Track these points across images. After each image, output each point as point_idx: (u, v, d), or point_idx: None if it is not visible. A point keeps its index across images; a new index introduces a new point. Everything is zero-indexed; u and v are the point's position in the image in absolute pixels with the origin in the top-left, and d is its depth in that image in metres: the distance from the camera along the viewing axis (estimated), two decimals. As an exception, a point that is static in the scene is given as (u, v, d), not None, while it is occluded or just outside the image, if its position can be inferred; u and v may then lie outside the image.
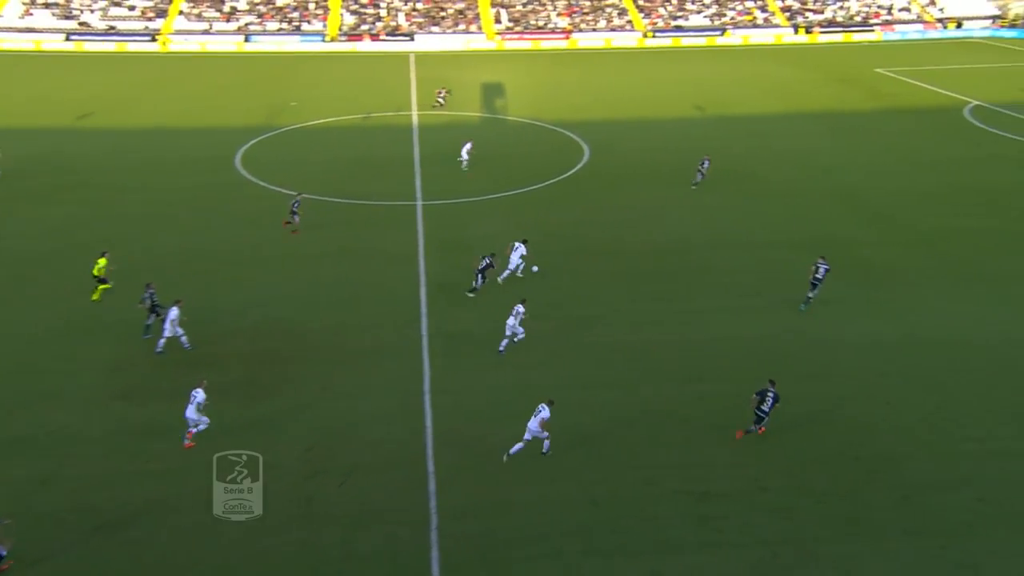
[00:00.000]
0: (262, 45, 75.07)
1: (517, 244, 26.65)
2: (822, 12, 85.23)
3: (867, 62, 68.52)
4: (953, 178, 37.21)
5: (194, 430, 18.32)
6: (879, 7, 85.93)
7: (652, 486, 17.24)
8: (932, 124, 47.30)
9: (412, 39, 77.13)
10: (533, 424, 17.72)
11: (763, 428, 18.85)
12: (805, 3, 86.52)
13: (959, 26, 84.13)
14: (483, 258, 25.53)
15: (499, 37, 78.36)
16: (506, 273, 26.57)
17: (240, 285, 26.20)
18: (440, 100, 51.57)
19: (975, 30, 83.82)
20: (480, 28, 79.23)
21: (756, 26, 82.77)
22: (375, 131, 46.30)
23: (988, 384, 20.93)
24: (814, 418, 19.50)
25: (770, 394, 18.49)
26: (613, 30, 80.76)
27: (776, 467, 17.83)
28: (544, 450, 18.08)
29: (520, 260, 26.51)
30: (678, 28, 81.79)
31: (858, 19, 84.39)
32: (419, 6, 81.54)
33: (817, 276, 24.85)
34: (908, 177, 37.57)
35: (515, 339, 22.25)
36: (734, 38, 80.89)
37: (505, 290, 25.96)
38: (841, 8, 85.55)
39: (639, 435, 18.85)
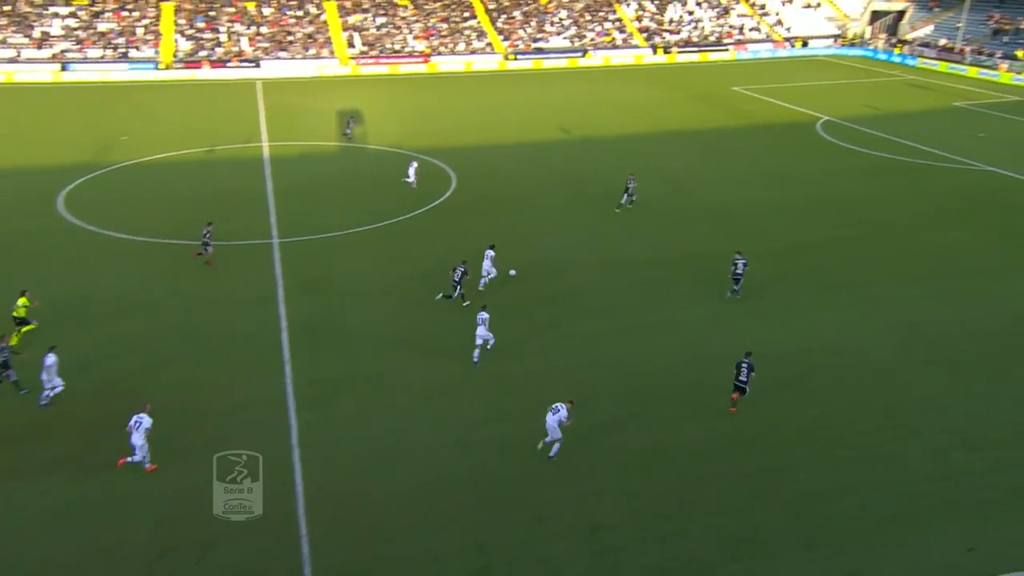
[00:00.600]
0: (83, 74, 70.92)
1: (487, 251, 28.55)
2: (678, 32, 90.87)
3: (724, 81, 73.50)
4: (812, 191, 40.37)
5: (145, 457, 18.29)
6: (731, 27, 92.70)
7: (542, 524, 17.30)
8: (789, 140, 51.22)
9: (258, 65, 75.43)
10: (551, 420, 18.75)
11: (737, 395, 21.32)
12: (661, 24, 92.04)
13: (805, 45, 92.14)
14: (457, 267, 26.95)
15: (353, 62, 78.08)
16: (484, 279, 28.25)
17: (73, 342, 24.23)
18: (348, 131, 50.94)
19: (820, 48, 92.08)
20: (332, 53, 78.64)
21: (616, 47, 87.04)
22: (222, 165, 44.67)
23: (860, 389, 22.60)
24: (701, 437, 20.31)
25: (744, 365, 21.20)
26: (473, 53, 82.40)
27: (667, 491, 18.38)
28: (552, 454, 19.13)
29: (492, 266, 28.40)
30: (539, 50, 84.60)
31: (712, 39, 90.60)
32: (263, 30, 79.97)
33: (737, 272, 27.84)
34: (771, 191, 40.40)
35: (487, 346, 23.61)
36: (595, 59, 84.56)
37: (387, 325, 25.58)
38: (695, 28, 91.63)
39: (527, 471, 18.91)
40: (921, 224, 35.77)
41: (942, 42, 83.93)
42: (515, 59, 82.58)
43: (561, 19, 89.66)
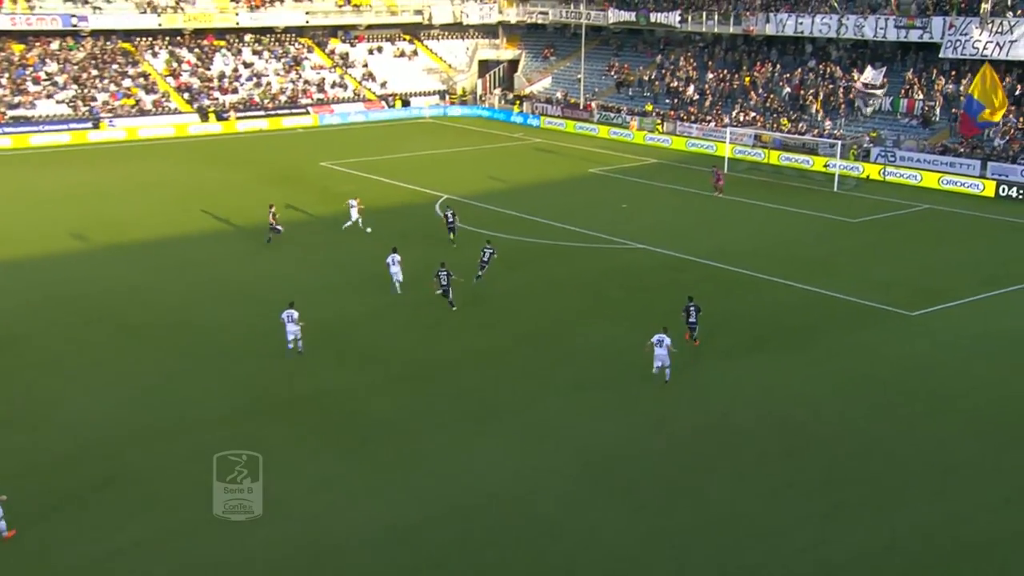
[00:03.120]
0: None
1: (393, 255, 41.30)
2: (235, 92, 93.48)
3: (308, 154, 76.99)
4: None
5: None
6: (307, 83, 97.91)
7: None
8: (405, 229, 54.24)
9: None
10: (662, 351, 31.67)
11: (696, 341, 35.36)
12: (209, 81, 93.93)
13: (407, 104, 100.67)
14: (439, 272, 39.62)
15: None
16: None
17: None
18: (274, 222, 50.32)
19: (425, 108, 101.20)
20: None
21: (144, 113, 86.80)
22: None
23: (537, 553, 23.82)
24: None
25: (691, 308, 35.03)
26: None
27: None
28: (667, 379, 32.32)
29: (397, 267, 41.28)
30: (21, 120, 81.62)
31: (283, 98, 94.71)
32: None
33: (484, 260, 41.95)
34: (385, 295, 42.42)
35: (298, 343, 34.82)
36: (116, 131, 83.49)
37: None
38: (258, 86, 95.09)
39: None
40: (573, 320, 40.11)
41: (559, 94, 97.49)
42: (-16, 135, 78.54)
43: (51, 75, 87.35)
